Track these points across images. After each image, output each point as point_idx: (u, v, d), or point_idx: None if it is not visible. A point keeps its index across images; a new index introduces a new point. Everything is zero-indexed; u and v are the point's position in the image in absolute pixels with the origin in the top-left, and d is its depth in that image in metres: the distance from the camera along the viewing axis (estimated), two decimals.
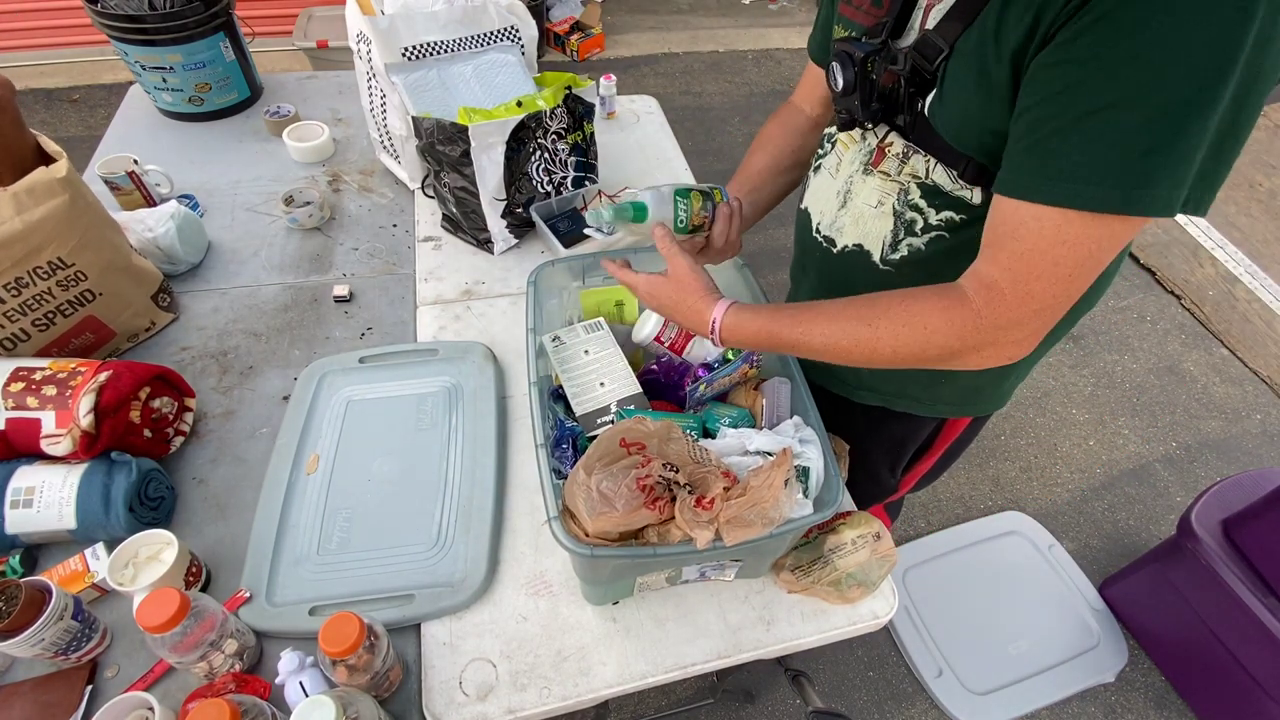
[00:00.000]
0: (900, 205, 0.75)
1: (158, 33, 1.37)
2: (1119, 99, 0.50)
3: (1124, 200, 0.52)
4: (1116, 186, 0.52)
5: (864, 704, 1.61)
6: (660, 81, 3.54)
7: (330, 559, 0.84)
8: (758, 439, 0.77)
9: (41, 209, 0.89)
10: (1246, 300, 2.65)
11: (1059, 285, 0.57)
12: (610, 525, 0.66)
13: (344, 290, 1.18)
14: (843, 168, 0.82)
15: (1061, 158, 0.54)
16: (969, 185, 0.68)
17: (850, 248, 0.82)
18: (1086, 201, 0.53)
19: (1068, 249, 0.55)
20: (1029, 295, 0.58)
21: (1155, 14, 0.48)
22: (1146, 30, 0.48)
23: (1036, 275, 0.57)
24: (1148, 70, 0.49)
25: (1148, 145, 0.50)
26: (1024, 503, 2.00)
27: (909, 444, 1.04)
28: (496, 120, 1.13)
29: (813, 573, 0.83)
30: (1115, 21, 0.49)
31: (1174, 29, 0.47)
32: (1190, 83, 0.48)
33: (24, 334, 0.92)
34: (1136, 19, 0.48)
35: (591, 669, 0.80)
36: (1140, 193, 0.52)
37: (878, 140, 0.76)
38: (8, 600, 0.67)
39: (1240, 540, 1.40)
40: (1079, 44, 0.51)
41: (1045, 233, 0.56)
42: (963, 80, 0.62)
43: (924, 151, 0.71)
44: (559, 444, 0.84)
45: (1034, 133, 0.56)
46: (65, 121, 2.90)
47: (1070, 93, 0.52)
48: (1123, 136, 0.51)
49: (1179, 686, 1.65)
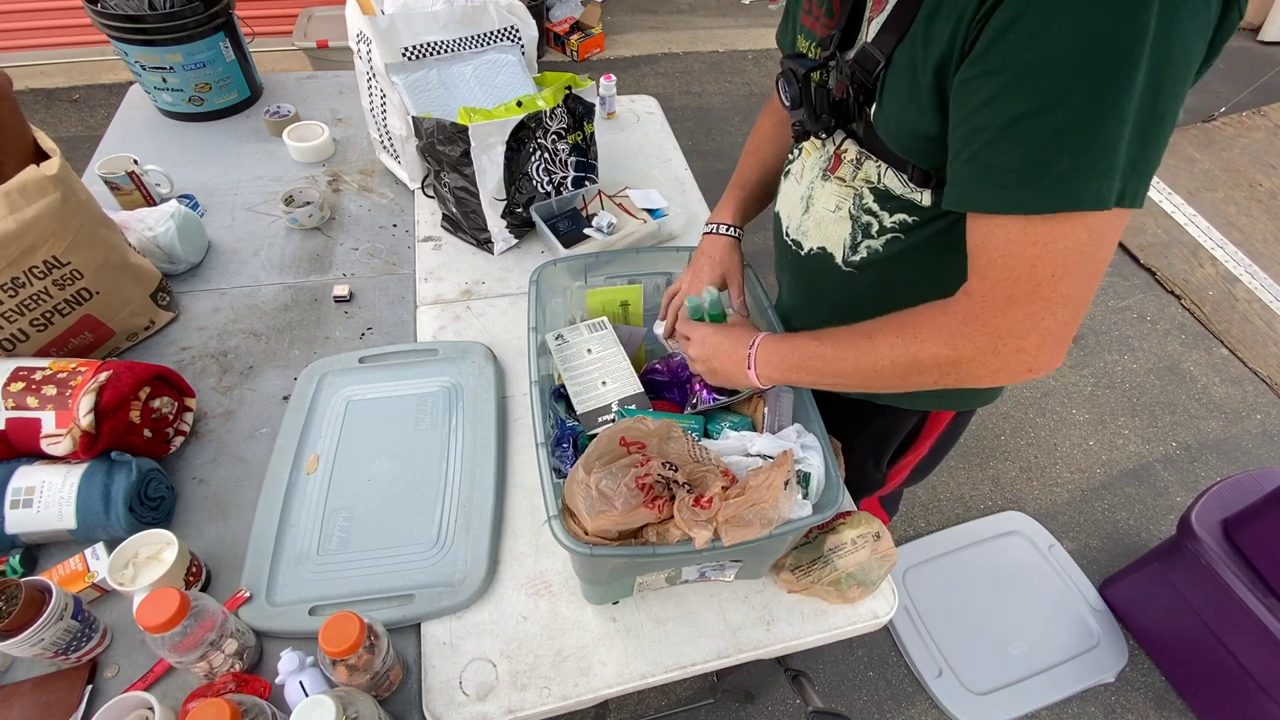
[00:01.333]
0: (856, 209, 0.78)
1: (158, 33, 1.37)
2: (1037, 105, 0.52)
3: (1061, 198, 0.53)
4: (1053, 187, 0.53)
5: (864, 704, 1.61)
6: (660, 81, 3.54)
7: (330, 559, 0.84)
8: (759, 442, 0.77)
9: (33, 208, 0.88)
10: (1246, 300, 2.65)
11: (1045, 289, 0.57)
12: (609, 524, 0.66)
13: (344, 290, 1.18)
14: (805, 174, 0.85)
15: (999, 167, 0.55)
16: (918, 188, 0.70)
17: (815, 250, 0.85)
18: (1031, 205, 0.55)
19: (1039, 251, 0.56)
20: (1012, 301, 0.58)
21: (1055, 17, 0.49)
22: (1049, 33, 0.50)
23: (1014, 280, 0.58)
24: (1057, 73, 0.50)
25: (1073, 145, 0.52)
26: (1024, 503, 2.00)
27: (893, 437, 1.05)
28: (496, 120, 1.13)
29: (813, 573, 0.83)
30: (1020, 28, 0.51)
31: (1074, 30, 0.49)
32: (1099, 79, 0.50)
33: (23, 334, 0.92)
34: (1037, 25, 0.50)
35: (591, 669, 0.80)
36: (1068, 189, 0.53)
37: (835, 147, 0.79)
38: (8, 600, 0.67)
39: (1240, 540, 1.40)
40: (992, 54, 0.53)
41: (1011, 239, 0.57)
42: (897, 90, 0.65)
43: (875, 157, 0.73)
44: (559, 443, 0.84)
45: (969, 146, 0.57)
46: (65, 121, 2.90)
47: (993, 104, 0.54)
48: (1048, 140, 0.52)
49: (1179, 686, 1.65)
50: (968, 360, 0.63)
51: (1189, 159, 3.23)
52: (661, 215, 1.33)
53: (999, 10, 0.52)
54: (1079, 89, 0.50)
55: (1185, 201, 3.01)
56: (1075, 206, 0.53)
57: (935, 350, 0.64)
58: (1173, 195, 3.04)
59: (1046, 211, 0.54)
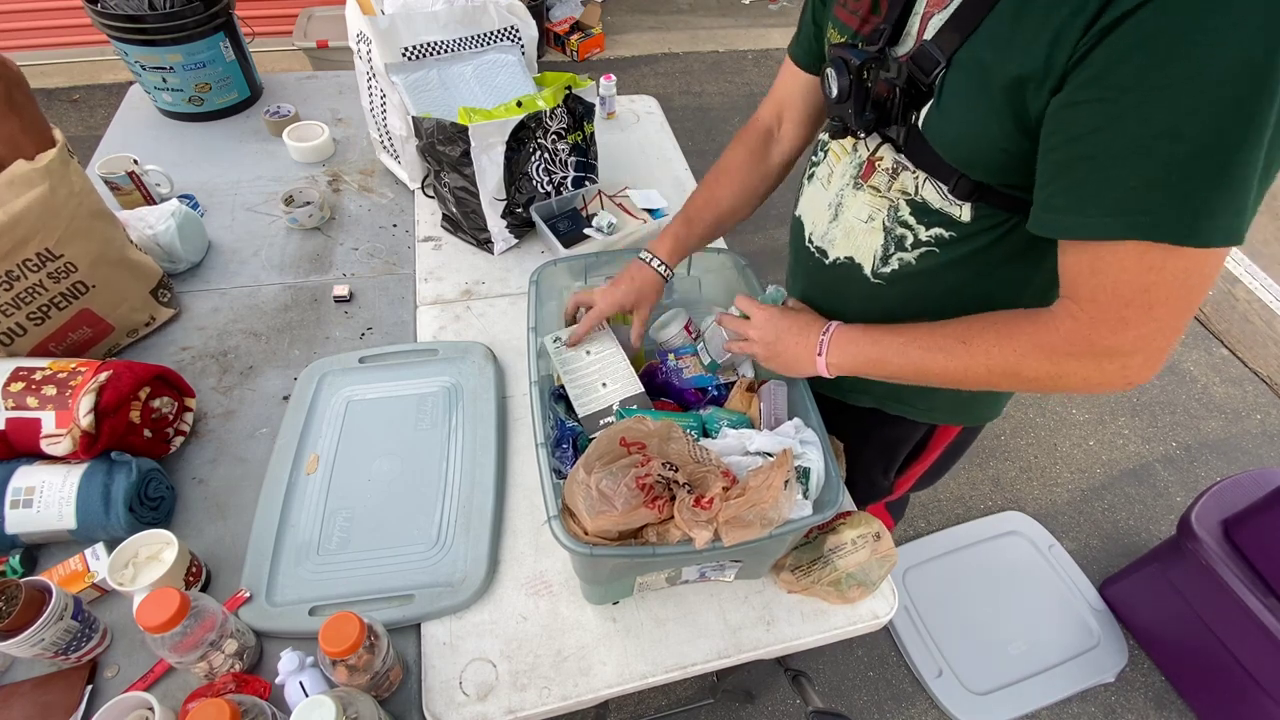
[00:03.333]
0: (890, 221, 0.75)
1: (158, 33, 1.37)
2: (1170, 129, 0.49)
3: (1190, 231, 0.51)
4: (1190, 218, 0.51)
5: (864, 704, 1.61)
6: (660, 81, 3.54)
7: (330, 559, 0.84)
8: (758, 439, 0.77)
9: (22, 200, 0.88)
10: (1246, 300, 2.65)
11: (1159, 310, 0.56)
12: (609, 524, 0.66)
13: (344, 290, 1.18)
14: (834, 180, 0.82)
15: (1118, 190, 0.53)
16: (958, 201, 0.68)
17: (842, 260, 0.83)
18: (1152, 231, 0.52)
19: (1156, 277, 0.54)
20: (1125, 323, 0.57)
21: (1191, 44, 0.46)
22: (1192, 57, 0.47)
23: (1127, 304, 0.56)
24: (1197, 98, 0.48)
25: (1208, 175, 0.49)
26: (1024, 503, 2.00)
27: (901, 447, 1.04)
28: (496, 120, 1.13)
29: (813, 573, 0.83)
30: (1154, 49, 0.48)
31: (1214, 58, 0.46)
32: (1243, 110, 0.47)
33: (20, 328, 0.92)
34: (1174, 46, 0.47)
35: (591, 669, 0.80)
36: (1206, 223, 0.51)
37: (869, 152, 0.75)
38: (8, 600, 0.67)
39: (1240, 540, 1.40)
40: (1114, 76, 0.50)
41: (1124, 271, 0.55)
42: (962, 94, 0.61)
43: (913, 167, 0.70)
44: (559, 444, 0.84)
45: (1069, 172, 0.55)
46: (65, 121, 2.91)
47: (1114, 126, 0.51)
48: (1181, 166, 0.49)
49: (1179, 686, 1.65)
50: (1070, 375, 0.62)
51: None
52: (661, 215, 1.33)
53: (1121, 29, 0.49)
54: (1220, 117, 0.48)
55: None
56: (1211, 243, 0.51)
57: (1037, 365, 0.63)
58: None
59: (1182, 243, 0.52)
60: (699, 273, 1.06)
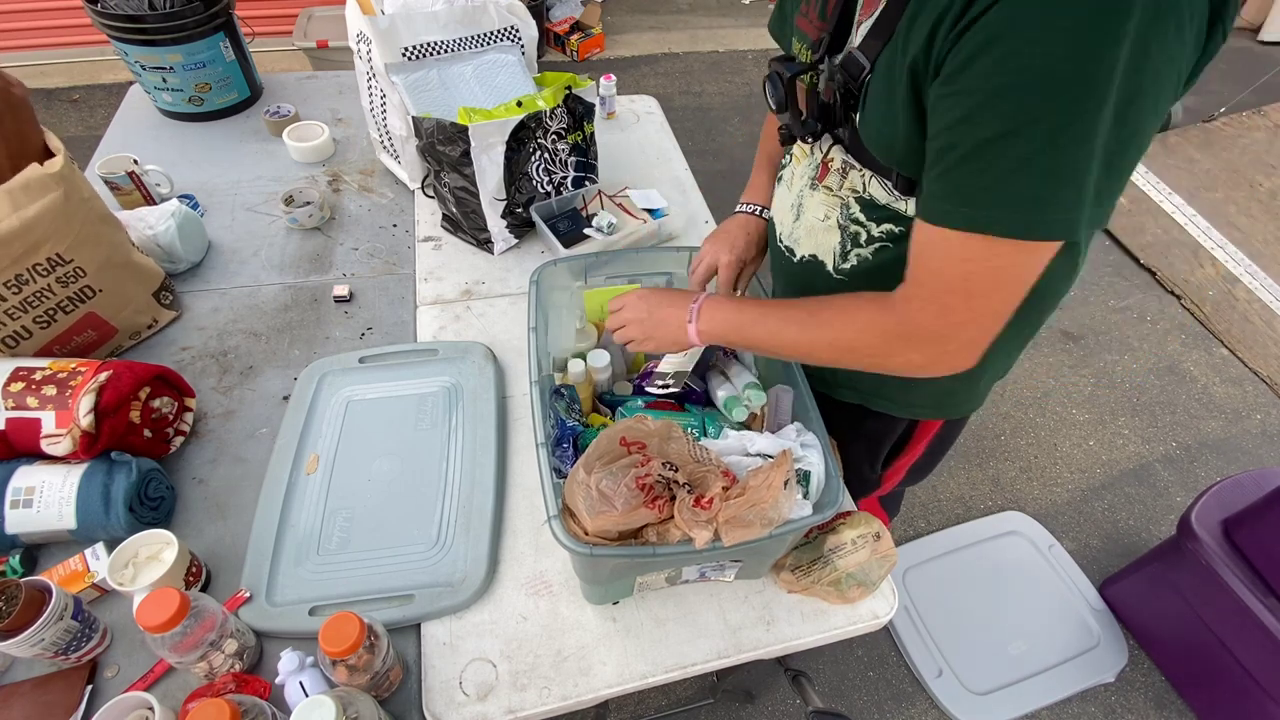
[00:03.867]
0: (844, 219, 0.78)
1: (158, 33, 1.37)
2: (1008, 129, 0.52)
3: (1025, 226, 0.55)
4: (1014, 213, 0.54)
5: (864, 704, 1.61)
6: (660, 81, 3.54)
7: (330, 559, 0.84)
8: (759, 441, 0.77)
9: (36, 205, 0.88)
10: (1246, 300, 2.65)
11: (977, 301, 0.60)
12: (609, 524, 0.66)
13: (344, 290, 1.18)
14: (795, 181, 0.86)
15: (965, 184, 0.56)
16: (902, 196, 0.71)
17: (807, 258, 0.86)
18: (984, 226, 0.56)
19: (975, 267, 0.58)
20: (946, 309, 0.61)
21: (1028, 44, 0.49)
22: (1021, 59, 0.50)
23: (950, 291, 0.60)
24: (1027, 99, 0.51)
25: (1041, 172, 0.52)
26: (1024, 503, 2.00)
27: (885, 440, 1.05)
28: (496, 120, 1.13)
29: (813, 573, 0.83)
30: (995, 51, 0.51)
31: (1046, 58, 0.49)
32: (1069, 109, 0.50)
33: (26, 331, 0.92)
34: (1011, 50, 0.50)
35: (591, 669, 0.80)
36: (1036, 218, 0.54)
37: (823, 155, 0.79)
38: (8, 600, 0.67)
39: (1240, 540, 1.40)
40: (967, 74, 0.53)
41: (951, 253, 0.59)
42: (880, 96, 0.64)
43: (860, 166, 0.74)
44: (559, 443, 0.84)
45: (941, 161, 0.58)
46: (65, 121, 2.91)
47: (966, 123, 0.54)
48: (1016, 165, 0.53)
49: (1179, 686, 1.65)
50: (896, 354, 0.68)
51: (1189, 159, 3.22)
52: (661, 215, 1.33)
53: (974, 29, 0.51)
54: (1048, 117, 0.50)
55: (1185, 201, 3.01)
56: (1040, 236, 0.55)
57: (870, 342, 0.68)
58: (1173, 195, 3.04)
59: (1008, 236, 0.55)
60: None
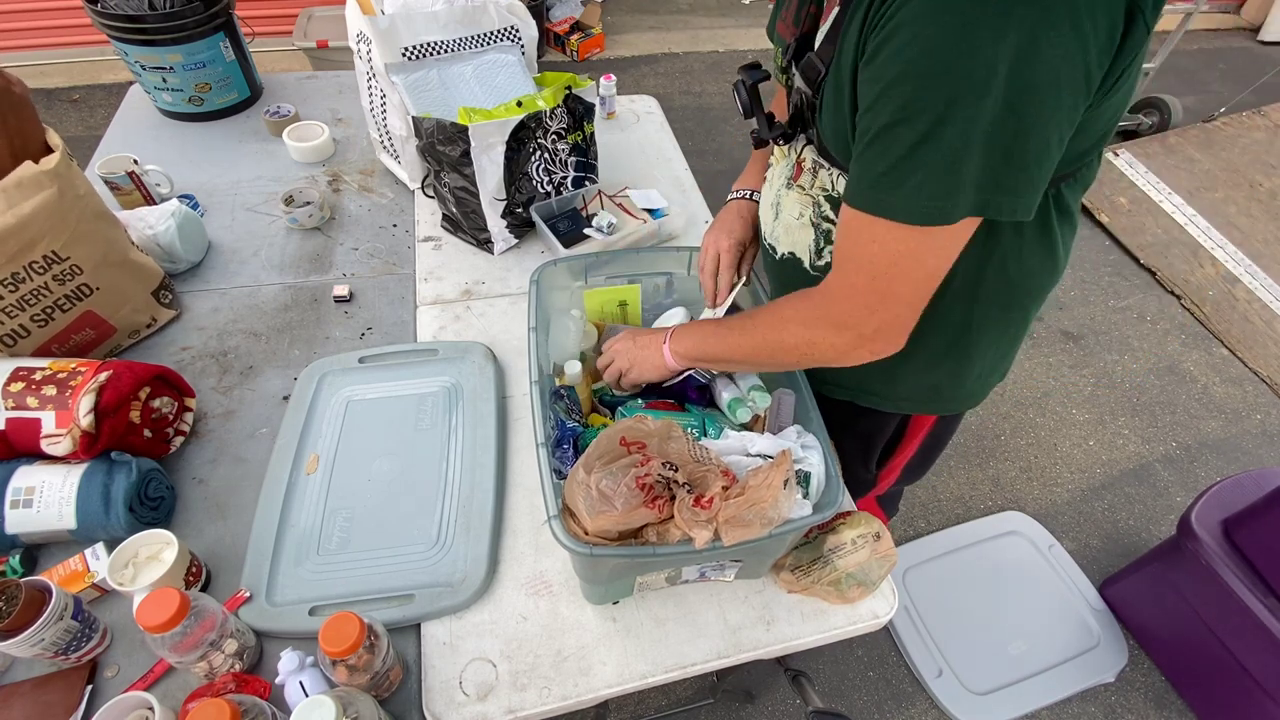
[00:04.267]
0: (816, 217, 0.81)
1: (158, 33, 1.37)
2: (898, 117, 0.55)
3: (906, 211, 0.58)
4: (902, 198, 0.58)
5: (864, 704, 1.61)
6: (660, 81, 3.54)
7: (330, 559, 0.84)
8: (760, 442, 0.77)
9: (30, 203, 0.88)
10: (1246, 300, 2.65)
11: (881, 284, 0.63)
12: (609, 524, 0.66)
13: (344, 290, 1.18)
14: (774, 181, 0.88)
15: (868, 169, 0.60)
16: None
17: (786, 255, 0.88)
18: (877, 208, 0.59)
19: (878, 250, 0.61)
20: (856, 291, 0.65)
21: (914, 40, 0.53)
22: (909, 53, 0.53)
23: (859, 273, 0.64)
24: (912, 91, 0.54)
25: (923, 160, 0.56)
26: (1024, 503, 2.00)
27: (877, 438, 1.06)
28: (496, 120, 1.13)
29: (813, 573, 0.83)
30: (892, 45, 0.54)
31: (927, 52, 0.52)
32: (948, 101, 0.53)
33: (23, 330, 0.92)
34: (902, 44, 0.53)
35: (591, 669, 0.80)
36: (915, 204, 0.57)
37: (797, 154, 0.81)
38: (8, 600, 0.67)
39: (1240, 540, 1.40)
40: (874, 64, 0.57)
41: (860, 235, 0.63)
42: (832, 97, 0.67)
43: (828, 165, 0.76)
44: (559, 444, 0.84)
45: (858, 145, 0.61)
46: (65, 121, 2.91)
47: (871, 110, 0.58)
48: (904, 151, 0.56)
49: (1179, 686, 1.65)
50: (820, 342, 0.71)
51: (1189, 159, 3.22)
52: (661, 215, 1.33)
53: (884, 21, 0.55)
54: (931, 107, 0.53)
55: (1185, 201, 3.01)
56: (915, 220, 0.58)
57: (796, 332, 0.72)
58: (1173, 195, 3.04)
59: (893, 219, 0.59)
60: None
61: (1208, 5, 3.94)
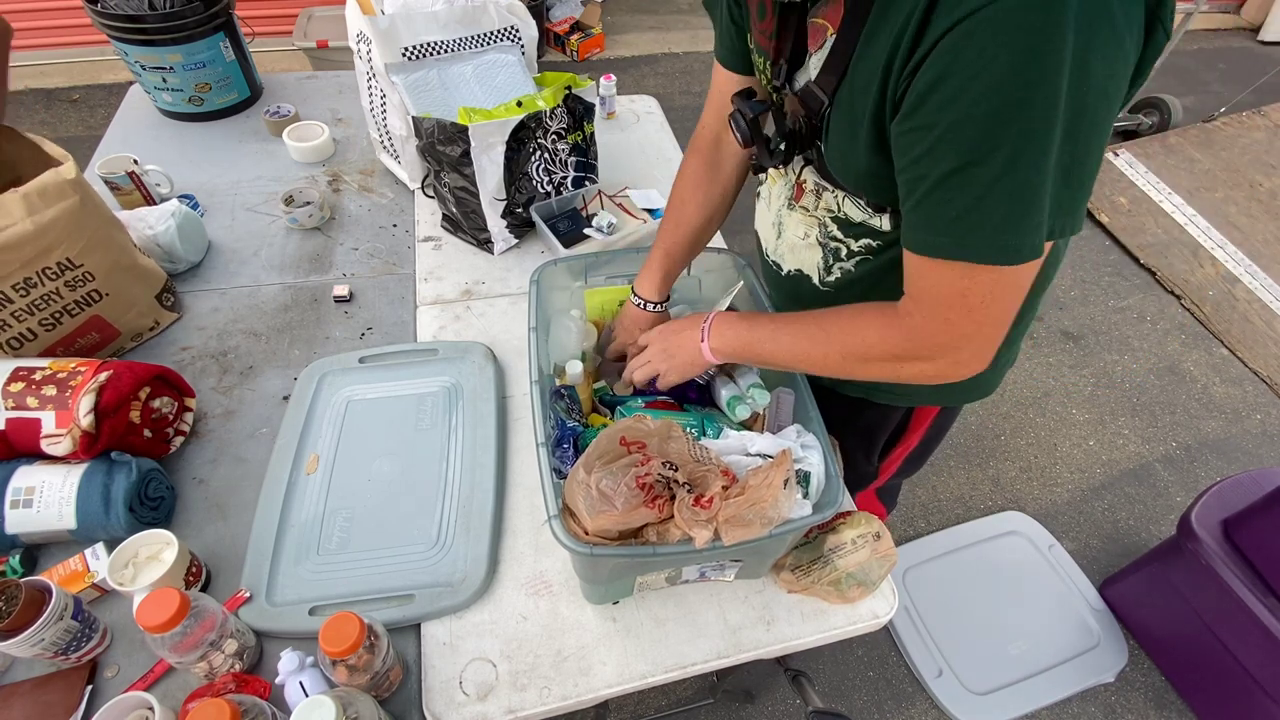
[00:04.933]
0: (823, 237, 0.81)
1: (158, 33, 1.37)
2: (965, 161, 0.55)
3: (996, 251, 0.57)
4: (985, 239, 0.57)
5: (864, 704, 1.61)
6: (660, 81, 3.54)
7: (330, 559, 0.84)
8: (759, 442, 0.77)
9: (52, 210, 0.89)
10: (1246, 300, 2.65)
11: (978, 314, 0.62)
12: (609, 523, 0.66)
13: (344, 290, 1.18)
14: (773, 201, 0.88)
15: (936, 215, 0.59)
16: (877, 213, 0.73)
17: (793, 272, 0.88)
18: (961, 254, 0.59)
19: (968, 285, 0.61)
20: (949, 323, 0.64)
21: (971, 81, 0.51)
22: (967, 96, 0.52)
23: (949, 306, 0.63)
24: (979, 132, 0.53)
25: (1002, 198, 0.55)
26: (1024, 503, 2.00)
27: (881, 431, 1.06)
28: (496, 120, 1.13)
29: (813, 573, 0.83)
30: (943, 90, 0.53)
31: (990, 93, 0.51)
32: (1019, 138, 0.52)
33: (31, 334, 0.93)
34: (957, 87, 0.52)
35: (591, 669, 0.80)
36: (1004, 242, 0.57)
37: (796, 176, 0.81)
38: (8, 600, 0.67)
39: (1240, 540, 1.40)
40: (921, 112, 0.56)
41: (942, 278, 0.62)
42: (841, 131, 0.67)
43: (833, 187, 0.76)
44: (560, 443, 0.84)
45: (912, 194, 0.60)
46: (65, 121, 2.91)
47: (929, 157, 0.57)
48: (979, 193, 0.55)
49: (1179, 686, 1.65)
50: (908, 366, 0.70)
51: (1189, 159, 3.22)
52: (661, 215, 1.33)
53: (924, 69, 0.54)
54: (1002, 146, 0.53)
55: (1185, 201, 3.01)
56: (1011, 261, 0.57)
57: (880, 356, 0.70)
58: (1173, 195, 3.04)
59: (986, 263, 0.58)
60: (699, 273, 1.06)
61: (1208, 5, 3.95)
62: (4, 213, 0.86)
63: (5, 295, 0.88)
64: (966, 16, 0.49)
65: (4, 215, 0.86)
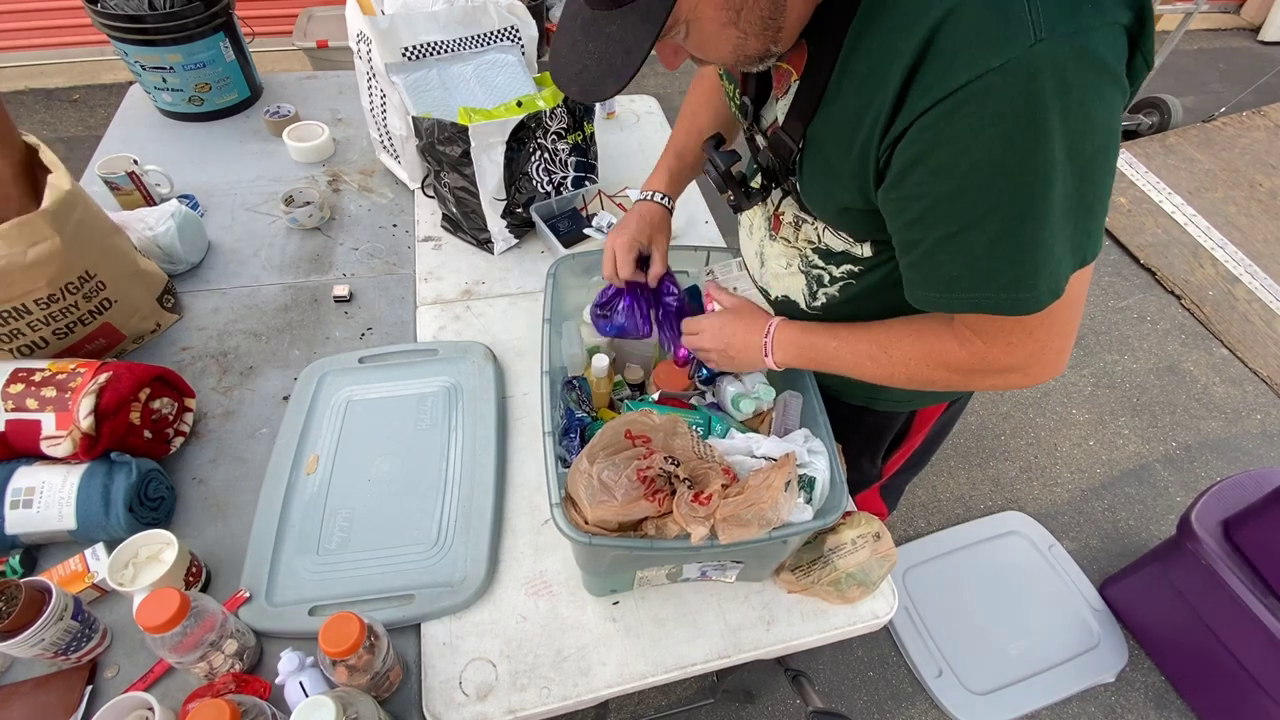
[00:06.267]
0: (805, 266, 0.82)
1: (158, 33, 1.37)
2: (964, 224, 0.56)
3: (1010, 304, 0.58)
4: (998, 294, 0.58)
5: (864, 704, 1.61)
6: (660, 81, 3.54)
7: (330, 559, 0.84)
8: (765, 444, 0.77)
9: (69, 224, 0.89)
10: (1246, 300, 2.65)
11: (1038, 334, 0.63)
12: (609, 514, 0.66)
13: (344, 290, 1.18)
14: (754, 231, 0.89)
15: (934, 275, 0.61)
16: (857, 242, 0.74)
17: (780, 298, 0.89)
18: (981, 307, 0.60)
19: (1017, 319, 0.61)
20: (1011, 347, 0.65)
21: (960, 155, 0.52)
22: (958, 168, 0.53)
23: (1009, 333, 0.64)
24: (974, 200, 0.54)
25: (1007, 254, 0.56)
26: (1024, 503, 2.00)
27: (884, 434, 1.06)
28: (496, 120, 1.13)
29: (813, 573, 0.83)
30: (929, 163, 0.54)
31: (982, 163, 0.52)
32: (1017, 198, 0.53)
33: (44, 341, 0.93)
34: (945, 160, 0.53)
35: (591, 669, 0.80)
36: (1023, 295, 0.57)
37: (774, 208, 0.82)
38: (8, 600, 0.67)
39: (1240, 540, 1.40)
40: (908, 183, 0.57)
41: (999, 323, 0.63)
42: (817, 172, 0.68)
43: (811, 219, 0.77)
44: (567, 433, 0.85)
45: (909, 253, 0.62)
46: (65, 121, 2.90)
47: (921, 223, 0.58)
48: (983, 252, 0.56)
49: (1179, 686, 1.65)
50: (979, 384, 0.71)
51: (1189, 159, 3.22)
52: None
53: (903, 143, 0.54)
54: (1001, 207, 0.54)
55: (1185, 201, 3.01)
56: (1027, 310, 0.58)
57: (949, 377, 0.71)
58: (1173, 195, 3.04)
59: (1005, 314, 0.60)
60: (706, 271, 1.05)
61: (1208, 5, 3.94)
62: (33, 231, 0.86)
63: (24, 306, 0.89)
64: (947, 96, 0.50)
65: (34, 233, 0.86)
